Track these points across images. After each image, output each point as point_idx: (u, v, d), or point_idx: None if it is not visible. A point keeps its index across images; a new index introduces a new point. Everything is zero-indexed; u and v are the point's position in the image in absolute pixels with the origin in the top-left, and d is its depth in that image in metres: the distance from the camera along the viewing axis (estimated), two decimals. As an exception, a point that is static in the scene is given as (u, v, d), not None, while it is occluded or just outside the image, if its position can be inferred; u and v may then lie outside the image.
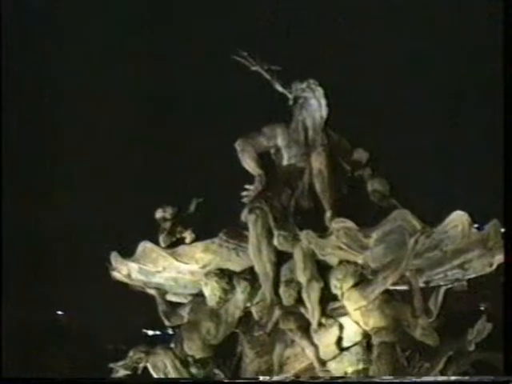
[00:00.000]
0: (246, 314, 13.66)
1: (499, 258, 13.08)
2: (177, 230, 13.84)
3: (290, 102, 14.49)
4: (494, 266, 13.28)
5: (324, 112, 14.12)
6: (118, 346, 32.47)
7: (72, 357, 38.21)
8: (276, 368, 12.86)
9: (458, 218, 12.06)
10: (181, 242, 13.78)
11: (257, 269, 13.16)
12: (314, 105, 14.14)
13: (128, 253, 14.05)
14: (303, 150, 13.94)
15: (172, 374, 13.22)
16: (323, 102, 14.11)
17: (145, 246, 13.72)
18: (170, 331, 16.12)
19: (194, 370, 13.29)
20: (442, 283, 13.53)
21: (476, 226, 12.50)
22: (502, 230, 12.92)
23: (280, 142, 14.21)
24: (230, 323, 13.61)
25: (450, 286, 13.75)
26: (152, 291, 14.36)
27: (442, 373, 13.05)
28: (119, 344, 32.25)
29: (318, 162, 13.36)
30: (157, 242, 13.83)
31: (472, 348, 13.45)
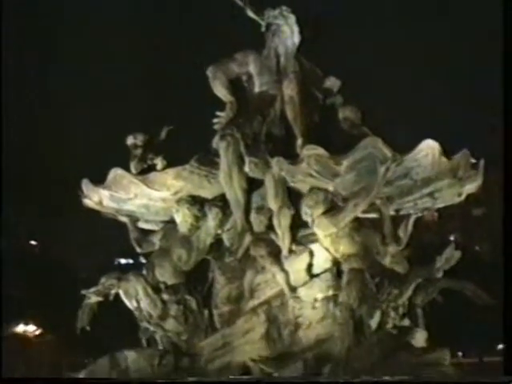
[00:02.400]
0: (217, 240, 13.73)
1: (468, 188, 13.20)
2: (148, 157, 13.79)
3: (263, 29, 14.35)
4: (463, 196, 13.39)
5: (296, 39, 14.00)
6: (91, 274, 32.59)
7: (46, 285, 38.41)
8: (246, 294, 12.98)
9: (428, 147, 12.10)
10: (152, 168, 13.74)
11: (228, 196, 13.19)
12: (287, 32, 14.01)
13: (99, 180, 13.97)
14: (275, 77, 13.87)
15: (143, 301, 13.28)
16: (296, 29, 13.97)
17: (116, 172, 13.65)
18: (143, 259, 16.14)
19: (165, 296, 13.36)
20: (411, 211, 13.62)
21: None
22: (473, 160, 12.99)
23: (252, 68, 14.10)
24: (202, 250, 13.67)
25: (419, 214, 13.85)
26: (124, 218, 14.36)
27: (410, 300, 13.22)
28: (93, 272, 32.43)
29: (289, 88, 13.32)
30: (128, 169, 13.77)
31: (440, 275, 13.64)
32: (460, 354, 63.24)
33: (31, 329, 41.19)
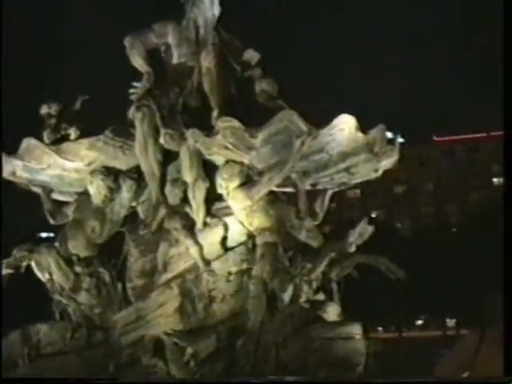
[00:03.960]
0: (132, 212, 13.61)
1: (385, 164, 13.29)
2: (61, 127, 13.52)
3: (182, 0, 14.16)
4: (380, 172, 13.48)
5: (216, 11, 13.85)
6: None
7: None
8: (160, 267, 12.88)
9: (344, 122, 12.12)
10: (66, 138, 13.46)
11: (143, 167, 13.06)
12: (206, 3, 13.84)
13: (12, 150, 13.64)
14: (193, 48, 13.72)
15: (56, 273, 13.09)
16: (216, 0, 13.82)
17: (29, 142, 13.35)
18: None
19: (78, 269, 13.20)
20: (328, 186, 13.72)
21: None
22: (389, 135, 13.06)
23: (170, 39, 13.93)
24: (115, 222, 13.54)
25: (336, 189, 13.93)
26: (37, 189, 14.07)
27: (324, 274, 13.30)
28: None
29: (207, 60, 13.18)
30: (41, 139, 13.46)
31: (353, 250, 13.75)
32: (380, 328, 64.55)
33: None
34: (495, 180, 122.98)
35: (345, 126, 12.15)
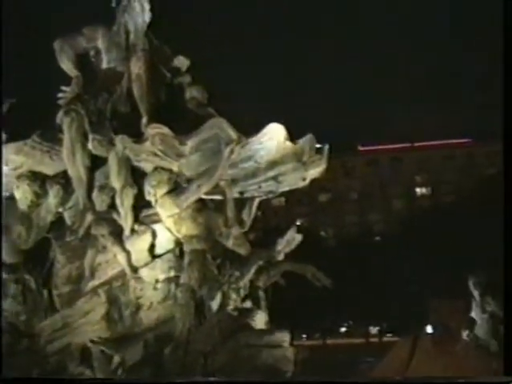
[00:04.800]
0: (58, 218, 13.40)
1: (312, 173, 13.41)
2: (-13, 131, 13.26)
3: (113, 4, 14.09)
4: (308, 181, 13.60)
5: (147, 17, 13.76)
6: None
7: None
8: (87, 274, 12.73)
9: (273, 131, 12.16)
10: (-8, 142, 13.20)
11: (70, 173, 12.91)
12: (137, 8, 13.75)
13: None
14: (123, 53, 13.66)
15: (-21, 279, 12.85)
16: (146, 6, 13.74)
17: None
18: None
19: (3, 275, 12.95)
20: (256, 194, 13.77)
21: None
22: (317, 145, 13.18)
23: (100, 44, 13.84)
24: (42, 228, 13.34)
25: (263, 197, 14.00)
26: (-39, 192, 13.76)
27: (252, 282, 13.36)
28: None
29: (137, 66, 13.12)
30: (-33, 142, 13.18)
31: (281, 258, 13.87)
32: (304, 336, 64.91)
33: None
34: (418, 190, 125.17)
35: (274, 134, 12.19)
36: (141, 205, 12.70)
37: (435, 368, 5.20)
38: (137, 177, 12.68)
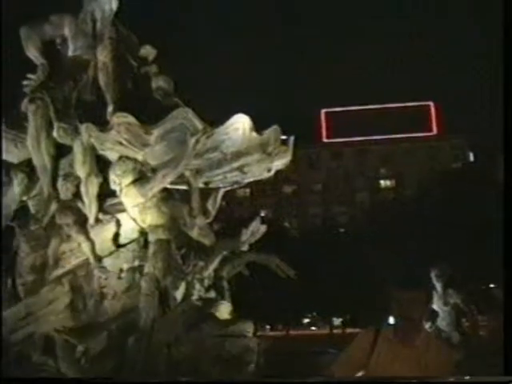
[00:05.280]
0: (23, 207, 13.29)
1: (277, 164, 13.46)
2: (-50, 119, 13.12)
3: (81, -8, 13.96)
4: (272, 172, 13.65)
5: (114, 5, 13.64)
6: None
7: None
8: (51, 263, 12.65)
9: (239, 121, 12.16)
10: (-46, 131, 13.07)
11: (35, 161, 12.80)
12: (105, -4, 13.66)
13: None
14: (90, 41, 13.51)
15: None
16: None
17: None
18: None
19: None
20: (221, 185, 13.83)
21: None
22: (283, 136, 13.22)
23: (67, 31, 13.68)
24: (5, 216, 13.22)
25: (228, 188, 14.04)
26: None
27: (216, 272, 13.40)
28: None
29: (103, 54, 13.06)
30: None
31: (246, 248, 13.92)
32: (268, 326, 65.12)
33: None
34: (382, 182, 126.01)
35: (240, 125, 12.18)
36: (105, 194, 12.65)
37: (397, 359, 5.24)
38: (102, 166, 12.62)
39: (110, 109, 12.56)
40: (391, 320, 5.99)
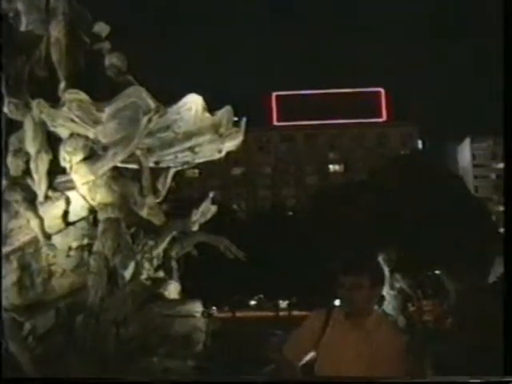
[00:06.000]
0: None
1: (229, 145, 13.47)
2: None
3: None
4: (223, 153, 13.65)
5: None
6: None
7: None
8: (-1, 239, 12.51)
9: (192, 101, 12.13)
10: None
11: (-17, 137, 12.61)
12: (56, -29, 13.47)
13: None
14: (43, 16, 13.31)
15: None
16: None
17: None
18: None
19: None
20: (171, 165, 13.79)
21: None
22: (235, 118, 13.23)
23: (20, 6, 13.48)
24: None
25: (179, 168, 14.03)
26: None
27: (165, 252, 13.38)
28: None
29: (56, 30, 12.87)
30: None
31: (196, 228, 13.94)
32: (214, 307, 65.32)
33: None
34: (331, 167, 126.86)
35: (192, 105, 12.15)
36: (56, 171, 12.51)
37: (347, 340, 5.31)
38: (52, 142, 12.48)
39: (62, 85, 12.41)
40: (337, 303, 6.08)
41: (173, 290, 13.15)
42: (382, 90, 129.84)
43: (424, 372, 5.60)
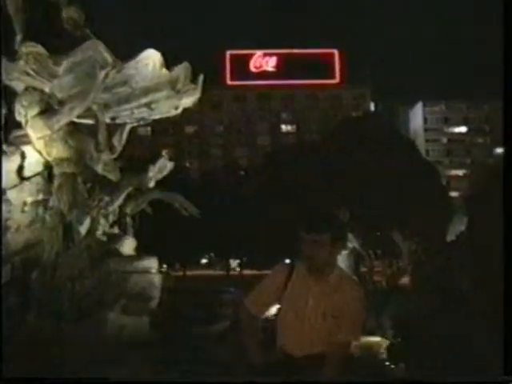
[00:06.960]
0: None
1: (185, 102, 13.39)
2: None
3: None
4: (180, 110, 13.58)
5: None
6: None
7: None
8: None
9: (150, 56, 12.01)
10: None
11: None
12: None
13: None
14: None
15: None
16: None
17: None
18: None
19: None
20: (128, 121, 13.71)
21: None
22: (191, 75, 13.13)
23: None
24: None
25: (135, 124, 13.95)
26: None
27: (121, 208, 13.34)
28: None
29: None
30: None
31: (152, 185, 13.91)
32: (165, 265, 65.31)
33: None
34: (283, 127, 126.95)
35: (150, 60, 12.02)
36: (11, 125, 12.37)
37: (310, 293, 5.38)
38: (8, 96, 12.31)
39: (18, 38, 12.20)
40: (287, 261, 6.17)
41: (128, 246, 13.13)
42: (336, 51, 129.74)
43: (384, 330, 5.72)
